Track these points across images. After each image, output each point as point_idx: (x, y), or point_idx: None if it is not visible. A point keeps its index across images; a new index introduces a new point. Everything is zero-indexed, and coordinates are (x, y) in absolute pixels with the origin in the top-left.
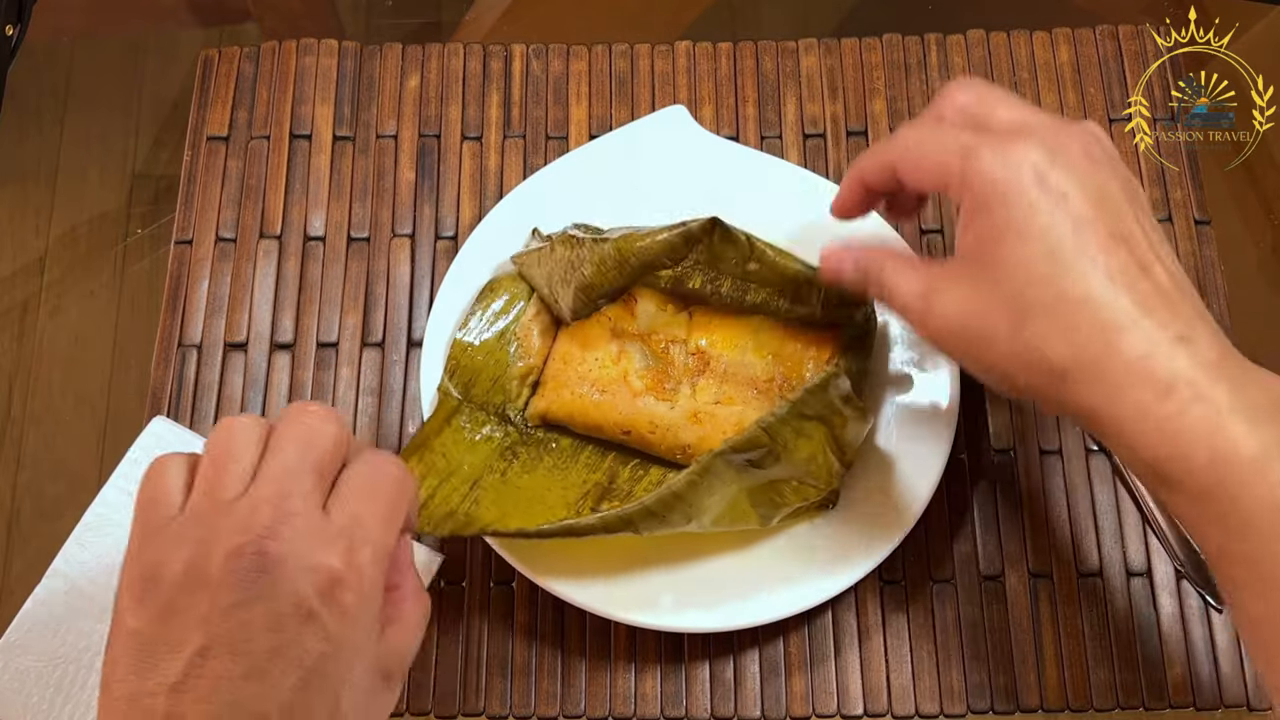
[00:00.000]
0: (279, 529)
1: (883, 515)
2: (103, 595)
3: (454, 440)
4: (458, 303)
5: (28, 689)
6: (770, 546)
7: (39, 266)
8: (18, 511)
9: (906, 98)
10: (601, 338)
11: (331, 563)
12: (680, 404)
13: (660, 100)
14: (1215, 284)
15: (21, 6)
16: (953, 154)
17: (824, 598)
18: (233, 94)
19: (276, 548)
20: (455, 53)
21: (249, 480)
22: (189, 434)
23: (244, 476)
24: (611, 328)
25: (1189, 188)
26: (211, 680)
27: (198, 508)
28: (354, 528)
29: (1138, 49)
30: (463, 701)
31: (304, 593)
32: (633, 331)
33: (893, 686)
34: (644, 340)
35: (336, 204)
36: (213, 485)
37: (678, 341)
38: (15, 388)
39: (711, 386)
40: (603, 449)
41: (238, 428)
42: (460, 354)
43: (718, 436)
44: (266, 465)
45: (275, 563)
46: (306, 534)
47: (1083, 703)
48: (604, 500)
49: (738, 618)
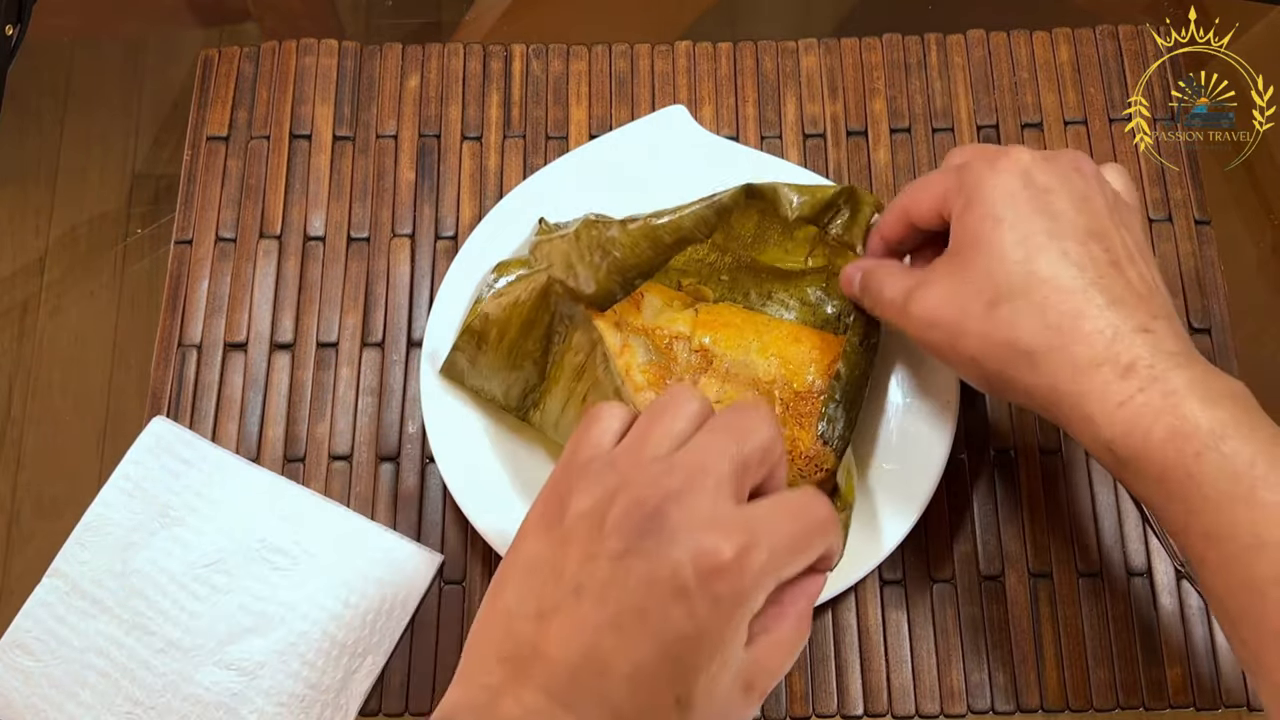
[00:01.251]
0: (684, 496)
1: (883, 515)
2: (103, 595)
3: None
4: (458, 303)
5: (28, 689)
6: None
7: (39, 266)
8: (18, 511)
9: (906, 97)
10: (606, 330)
11: (721, 548)
12: None
13: (660, 100)
14: (1215, 284)
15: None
16: (949, 174)
17: (824, 598)
18: (233, 94)
19: (674, 512)
20: (455, 53)
21: (676, 446)
22: (189, 434)
23: (673, 441)
24: (616, 320)
25: (1189, 188)
26: (575, 620)
27: (620, 455)
28: (759, 530)
29: (1138, 49)
30: None
31: (683, 566)
32: (637, 325)
33: (893, 686)
34: (648, 334)
35: (336, 204)
36: (642, 439)
37: (681, 338)
38: (15, 388)
39: (713, 385)
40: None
41: (683, 397)
42: (477, 321)
43: None
44: (697, 439)
45: (667, 526)
46: (708, 513)
47: (1083, 703)
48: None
49: None
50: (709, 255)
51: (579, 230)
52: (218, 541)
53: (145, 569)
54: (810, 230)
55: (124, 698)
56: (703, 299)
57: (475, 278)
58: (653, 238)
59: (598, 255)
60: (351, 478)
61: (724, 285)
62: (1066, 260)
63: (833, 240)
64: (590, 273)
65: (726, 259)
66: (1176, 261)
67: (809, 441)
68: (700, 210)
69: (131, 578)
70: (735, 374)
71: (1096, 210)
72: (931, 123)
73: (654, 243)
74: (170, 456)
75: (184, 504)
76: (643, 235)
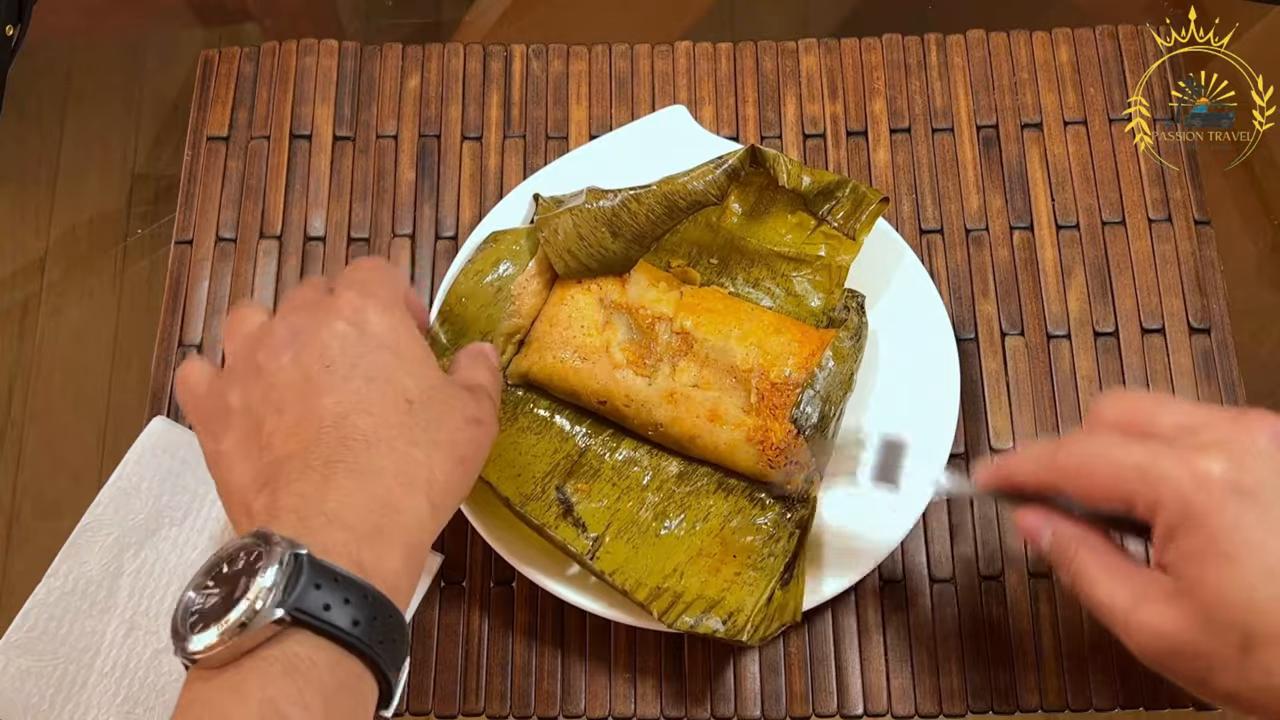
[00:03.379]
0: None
1: (882, 515)
2: (103, 595)
3: None
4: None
5: (28, 689)
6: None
7: (39, 266)
8: (18, 511)
9: (906, 98)
10: (590, 305)
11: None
12: (658, 382)
13: (660, 100)
14: (1215, 284)
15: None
16: (1131, 476)
17: (824, 598)
18: (233, 94)
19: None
20: (455, 53)
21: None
22: (189, 434)
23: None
24: (600, 296)
25: (1189, 188)
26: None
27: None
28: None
29: (1138, 49)
30: (463, 701)
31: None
32: (621, 301)
33: (893, 686)
34: (631, 313)
35: (336, 204)
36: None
37: (664, 319)
38: (15, 388)
39: (691, 369)
40: (578, 415)
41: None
42: (455, 303)
43: (690, 419)
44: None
45: (295, 332)
46: (312, 303)
47: (1083, 703)
48: (571, 477)
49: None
50: (702, 235)
51: (587, 197)
52: (217, 541)
53: (145, 569)
54: (807, 218)
55: (124, 698)
56: (689, 281)
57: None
58: (668, 204)
59: (603, 225)
60: None
61: (713, 268)
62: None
63: (831, 231)
64: (604, 241)
65: (719, 239)
66: (1176, 261)
67: (781, 433)
68: (710, 172)
69: (131, 578)
70: (714, 360)
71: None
72: (931, 123)
73: (669, 209)
74: (170, 457)
75: (184, 504)
76: (660, 203)
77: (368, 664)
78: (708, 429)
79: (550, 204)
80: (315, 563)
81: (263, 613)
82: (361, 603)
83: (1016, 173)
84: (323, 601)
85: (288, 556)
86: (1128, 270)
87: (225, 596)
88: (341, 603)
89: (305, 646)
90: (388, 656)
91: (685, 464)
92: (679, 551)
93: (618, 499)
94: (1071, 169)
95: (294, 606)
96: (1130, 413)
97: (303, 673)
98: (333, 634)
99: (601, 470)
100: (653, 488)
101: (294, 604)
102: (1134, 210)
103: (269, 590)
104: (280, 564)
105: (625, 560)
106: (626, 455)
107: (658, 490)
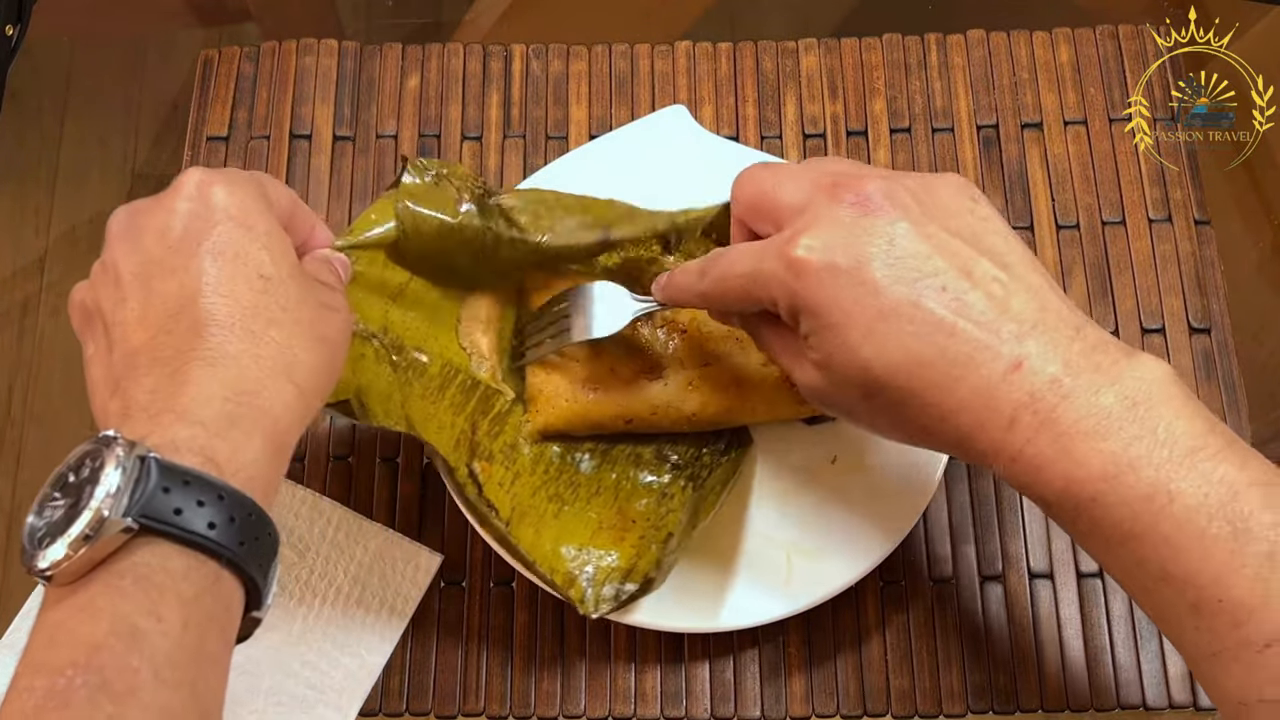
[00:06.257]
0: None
1: (882, 515)
2: None
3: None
4: None
5: None
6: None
7: (39, 266)
8: (18, 511)
9: (907, 98)
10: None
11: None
12: (672, 377)
13: (660, 100)
14: (1215, 284)
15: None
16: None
17: (823, 598)
18: (233, 94)
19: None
20: (455, 53)
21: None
22: None
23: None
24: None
25: (1189, 188)
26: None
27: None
28: (205, 169)
29: (1138, 49)
30: (463, 701)
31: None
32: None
33: (893, 687)
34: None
35: (337, 204)
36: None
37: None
38: (15, 388)
39: (695, 348)
40: (467, 392)
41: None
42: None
43: (719, 396)
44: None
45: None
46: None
47: (1083, 703)
48: (474, 456)
49: (738, 618)
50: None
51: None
52: None
53: None
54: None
55: None
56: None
57: None
58: (539, 255)
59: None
60: (351, 478)
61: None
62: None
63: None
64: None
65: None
66: (1176, 261)
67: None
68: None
69: None
70: (708, 331)
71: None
72: (931, 123)
73: (540, 258)
74: None
75: None
76: (531, 250)
77: (229, 567)
78: (739, 397)
79: (422, 168)
80: (163, 464)
81: (109, 521)
82: (217, 504)
83: (1016, 172)
84: (173, 506)
85: (131, 460)
86: (1128, 270)
87: (70, 507)
88: (194, 505)
89: (157, 555)
90: (250, 557)
91: (563, 443)
92: (580, 529)
93: (513, 481)
94: (1071, 169)
95: (141, 513)
96: (757, 197)
97: (155, 583)
98: (186, 539)
99: (494, 453)
100: (540, 470)
101: (141, 510)
102: (1134, 210)
103: (112, 497)
104: (122, 468)
105: (531, 544)
106: (510, 439)
107: (544, 473)
